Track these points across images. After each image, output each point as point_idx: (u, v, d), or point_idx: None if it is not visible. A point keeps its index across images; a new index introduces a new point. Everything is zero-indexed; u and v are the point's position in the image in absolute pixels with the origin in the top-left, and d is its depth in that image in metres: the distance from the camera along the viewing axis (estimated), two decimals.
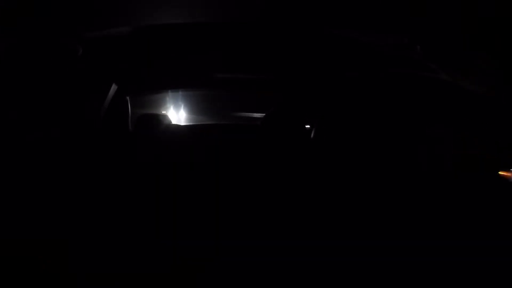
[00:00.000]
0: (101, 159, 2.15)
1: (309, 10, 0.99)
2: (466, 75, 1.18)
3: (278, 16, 1.14)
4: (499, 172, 1.77)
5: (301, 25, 1.17)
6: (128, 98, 2.46)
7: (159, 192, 2.02)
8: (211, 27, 1.69)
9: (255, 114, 3.06)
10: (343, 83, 2.30)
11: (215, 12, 1.13)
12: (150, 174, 2.10)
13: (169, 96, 3.00)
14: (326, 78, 2.31)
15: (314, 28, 1.18)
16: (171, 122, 2.35)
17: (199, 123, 3.13)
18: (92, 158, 2.09)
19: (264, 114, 2.85)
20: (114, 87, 2.14)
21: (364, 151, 1.39)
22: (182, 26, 1.66)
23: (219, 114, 3.32)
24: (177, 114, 3.22)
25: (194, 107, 3.32)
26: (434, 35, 1.01)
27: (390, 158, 1.32)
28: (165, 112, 2.85)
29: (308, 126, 2.79)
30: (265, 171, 2.02)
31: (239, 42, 1.84)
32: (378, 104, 1.92)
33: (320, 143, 1.47)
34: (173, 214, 1.80)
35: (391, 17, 0.93)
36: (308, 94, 2.55)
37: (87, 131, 2.07)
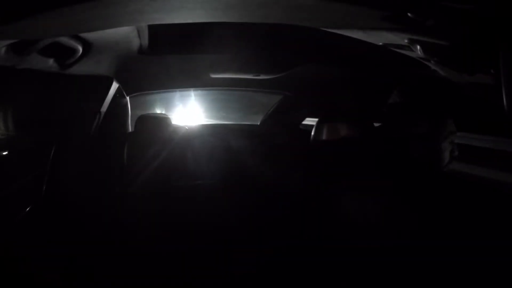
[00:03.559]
0: (101, 159, 2.15)
1: (308, 10, 0.99)
2: (466, 74, 1.18)
3: (277, 16, 1.14)
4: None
5: (300, 26, 1.17)
6: (128, 98, 2.47)
7: (159, 191, 2.02)
8: (212, 27, 1.69)
9: (255, 113, 3.07)
10: (343, 83, 2.30)
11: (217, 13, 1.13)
12: (150, 173, 2.10)
13: (169, 96, 3.00)
14: (325, 78, 2.31)
15: (313, 28, 1.18)
16: (171, 122, 2.35)
17: (198, 123, 3.14)
18: (92, 158, 2.10)
19: (264, 114, 2.86)
20: (114, 87, 2.14)
21: (363, 151, 1.39)
22: (182, 26, 1.66)
23: (219, 114, 3.32)
24: (177, 114, 3.22)
25: (194, 107, 3.32)
26: (434, 35, 1.01)
27: (388, 157, 1.32)
28: (165, 112, 2.85)
29: (307, 125, 2.80)
30: (264, 170, 2.03)
31: (239, 42, 1.84)
32: (377, 104, 1.92)
33: (319, 143, 1.47)
34: (173, 213, 1.80)
35: (391, 17, 0.93)
36: (308, 94, 2.55)
37: (87, 131, 2.07)
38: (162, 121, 2.33)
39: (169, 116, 2.39)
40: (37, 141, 1.85)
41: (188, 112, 3.30)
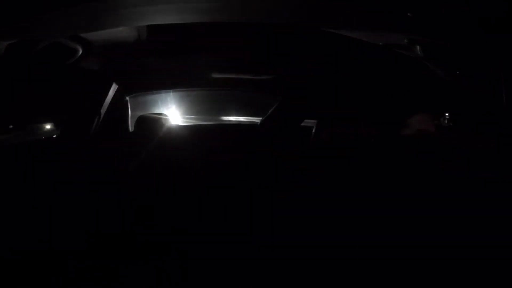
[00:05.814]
0: (101, 159, 2.15)
1: (308, 10, 0.99)
2: (466, 74, 1.18)
3: (277, 16, 1.14)
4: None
5: (300, 25, 1.18)
6: (128, 98, 2.47)
7: (159, 191, 2.02)
8: (211, 27, 1.69)
9: (255, 114, 3.06)
10: (343, 83, 2.30)
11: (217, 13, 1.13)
12: (150, 173, 2.10)
13: (169, 96, 2.99)
14: (325, 78, 2.31)
15: (312, 28, 1.18)
16: (171, 122, 2.35)
17: (199, 124, 3.14)
18: (92, 158, 2.10)
19: (263, 114, 2.86)
20: (114, 87, 2.14)
21: (362, 150, 1.40)
22: (182, 26, 1.66)
23: (219, 114, 3.31)
24: (177, 114, 3.21)
25: (194, 107, 3.31)
26: (434, 35, 1.01)
27: (388, 157, 1.33)
28: (165, 112, 2.85)
29: (307, 125, 2.79)
30: (264, 170, 2.02)
31: (238, 42, 1.84)
32: (376, 104, 1.92)
33: (319, 143, 1.47)
34: (173, 213, 1.80)
35: (391, 17, 0.93)
36: (307, 94, 2.55)
37: (87, 131, 2.07)
38: (162, 122, 2.33)
39: (169, 116, 2.39)
40: (37, 141, 1.85)
41: (188, 112, 3.30)
